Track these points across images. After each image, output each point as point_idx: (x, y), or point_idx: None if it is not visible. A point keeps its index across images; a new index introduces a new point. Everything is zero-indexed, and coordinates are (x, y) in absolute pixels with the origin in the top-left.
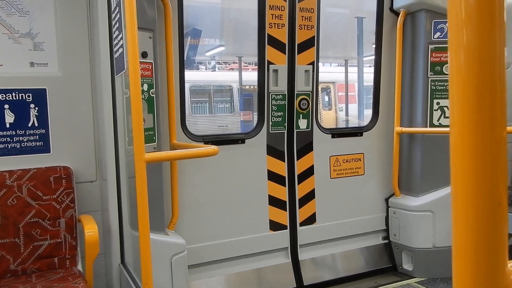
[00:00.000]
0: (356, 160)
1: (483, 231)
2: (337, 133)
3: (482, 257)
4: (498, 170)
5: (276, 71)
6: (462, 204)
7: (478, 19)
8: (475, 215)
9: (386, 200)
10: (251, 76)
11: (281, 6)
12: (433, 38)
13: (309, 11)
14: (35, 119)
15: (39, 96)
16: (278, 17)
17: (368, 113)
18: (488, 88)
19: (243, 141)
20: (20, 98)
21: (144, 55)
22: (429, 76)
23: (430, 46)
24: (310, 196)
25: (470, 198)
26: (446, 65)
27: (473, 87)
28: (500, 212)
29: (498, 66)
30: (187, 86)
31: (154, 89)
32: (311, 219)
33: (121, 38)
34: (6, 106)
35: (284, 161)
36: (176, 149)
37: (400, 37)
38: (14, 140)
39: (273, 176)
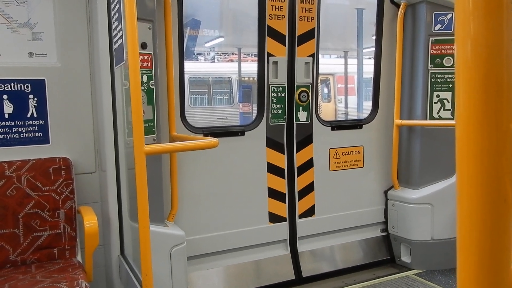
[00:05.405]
0: (356, 152)
1: (488, 228)
2: (337, 125)
3: (486, 254)
4: (504, 166)
5: (276, 63)
6: (467, 201)
7: (486, 10)
8: (481, 212)
9: (385, 192)
10: (250, 68)
11: None
12: (434, 30)
13: (309, 3)
14: (34, 110)
15: (38, 87)
16: (278, 8)
17: (367, 105)
18: (495, 80)
19: (242, 133)
20: (19, 88)
21: (143, 46)
22: (429, 68)
23: (431, 38)
24: (309, 188)
25: (475, 194)
26: (447, 57)
27: (480, 79)
28: (505, 209)
29: (505, 57)
30: (186, 77)
31: (153, 81)
32: (310, 211)
33: (121, 29)
34: (5, 96)
35: (284, 154)
36: (175, 141)
37: (400, 29)
38: (13, 130)
39: (272, 169)
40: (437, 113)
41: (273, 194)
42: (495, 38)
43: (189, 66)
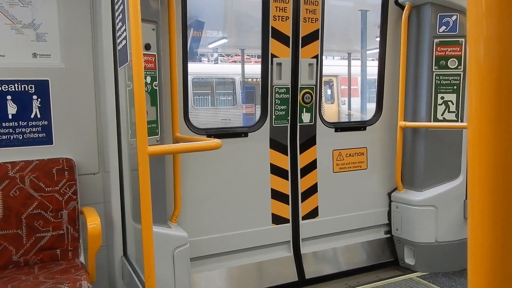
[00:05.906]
0: (359, 154)
1: (500, 231)
2: (341, 127)
3: (498, 257)
4: None
5: (279, 64)
6: (479, 203)
7: (500, 10)
8: (493, 214)
9: (389, 194)
10: (253, 69)
11: None
12: (438, 32)
13: (313, 4)
14: (37, 110)
15: (42, 88)
16: (282, 9)
17: (370, 106)
18: (508, 81)
19: (246, 135)
20: (23, 89)
21: (147, 47)
22: (433, 70)
23: (435, 40)
24: (313, 190)
25: (487, 197)
26: (451, 59)
27: (493, 80)
28: None
29: None
30: (189, 78)
31: (157, 82)
32: (313, 213)
33: (125, 30)
34: (9, 97)
35: (287, 155)
36: (179, 142)
37: (405, 31)
38: (17, 131)
39: (276, 170)
40: (442, 115)
41: (276, 195)
42: (508, 38)
43: (192, 67)
